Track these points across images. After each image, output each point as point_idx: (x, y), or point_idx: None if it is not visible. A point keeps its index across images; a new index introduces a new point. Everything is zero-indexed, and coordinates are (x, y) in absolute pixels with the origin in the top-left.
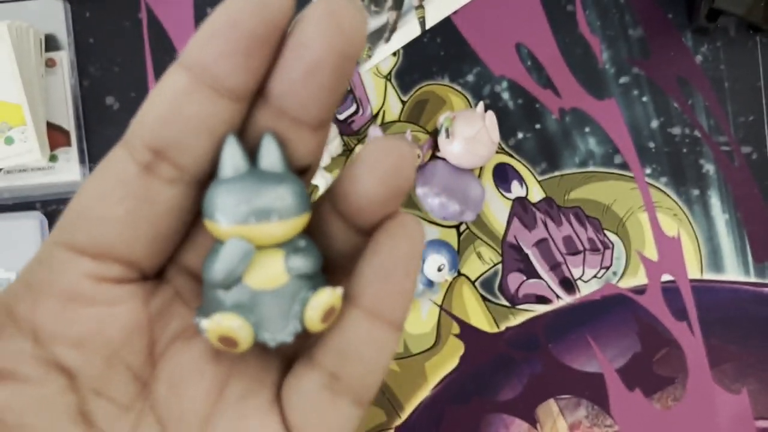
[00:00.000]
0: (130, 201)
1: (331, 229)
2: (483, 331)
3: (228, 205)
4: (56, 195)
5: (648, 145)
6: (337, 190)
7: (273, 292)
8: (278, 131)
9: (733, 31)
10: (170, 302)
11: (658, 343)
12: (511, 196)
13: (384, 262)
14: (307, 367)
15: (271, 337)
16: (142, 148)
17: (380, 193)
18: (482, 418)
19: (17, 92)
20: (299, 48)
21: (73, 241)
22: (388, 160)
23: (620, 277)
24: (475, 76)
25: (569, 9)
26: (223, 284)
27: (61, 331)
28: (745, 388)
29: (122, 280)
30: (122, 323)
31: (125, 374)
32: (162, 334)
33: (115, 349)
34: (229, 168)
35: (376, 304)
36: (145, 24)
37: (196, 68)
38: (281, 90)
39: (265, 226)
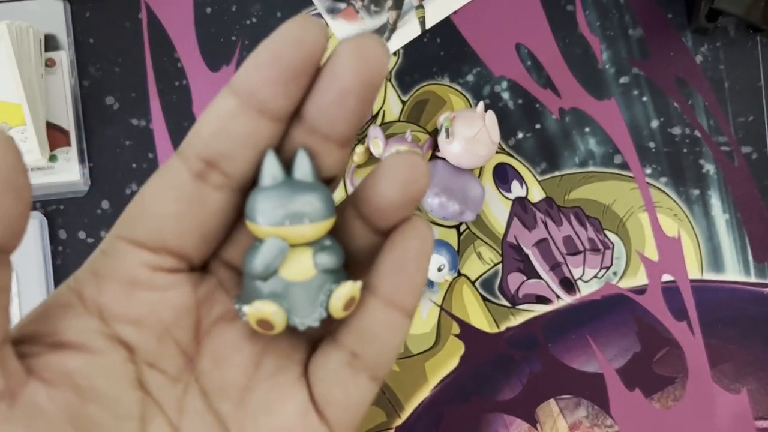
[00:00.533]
0: (183, 203)
1: (354, 230)
2: (483, 331)
3: (267, 209)
4: (56, 195)
5: (648, 145)
6: (360, 195)
7: (303, 283)
8: (310, 147)
9: (732, 31)
10: (214, 290)
11: (658, 343)
12: (511, 196)
13: (399, 258)
14: (331, 346)
15: (300, 322)
16: (195, 159)
17: (398, 200)
18: (482, 418)
19: (17, 92)
20: (332, 78)
21: (133, 236)
22: (406, 171)
23: (620, 277)
24: (475, 76)
25: (569, 9)
26: (261, 276)
27: (122, 311)
28: (745, 388)
29: (174, 270)
30: (173, 306)
31: (175, 350)
32: (206, 317)
33: (166, 327)
34: (269, 177)
35: (392, 294)
36: (145, 24)
37: (244, 93)
38: (315, 112)
39: (298, 228)
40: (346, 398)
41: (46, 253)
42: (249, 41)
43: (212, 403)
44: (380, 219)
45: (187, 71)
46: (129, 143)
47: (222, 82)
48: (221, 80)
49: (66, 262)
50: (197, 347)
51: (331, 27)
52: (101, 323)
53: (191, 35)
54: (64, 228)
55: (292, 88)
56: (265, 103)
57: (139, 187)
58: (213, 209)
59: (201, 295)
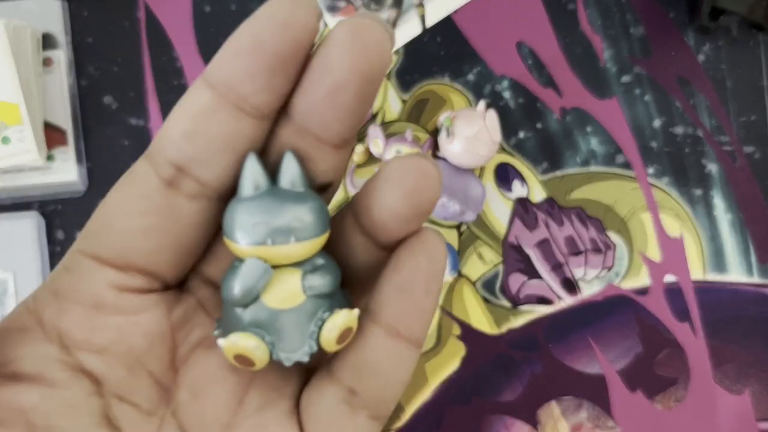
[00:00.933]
0: (152, 215)
1: (353, 243)
2: (484, 332)
3: (247, 225)
4: (54, 195)
5: (650, 145)
6: (360, 204)
7: (290, 311)
8: (300, 149)
9: (735, 30)
10: (192, 312)
11: (660, 344)
12: (512, 196)
13: (404, 280)
14: (325, 380)
15: (286, 357)
16: (165, 163)
17: (402, 212)
18: (483, 420)
19: (14, 91)
20: (323, 69)
21: (97, 252)
22: (412, 178)
23: (622, 277)
24: (476, 75)
25: (570, 8)
26: (240, 303)
27: (86, 338)
28: (748, 389)
29: (145, 290)
30: (144, 331)
31: (148, 381)
32: (184, 342)
33: (137, 356)
34: (249, 186)
35: (396, 321)
36: (143, 23)
37: (221, 86)
38: (304, 109)
39: (283, 248)
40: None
41: (44, 254)
42: None
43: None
44: (383, 233)
45: (185, 71)
46: (127, 143)
47: None
48: None
49: None
50: (174, 377)
51: (330, 25)
52: (62, 351)
53: (190, 35)
54: (62, 228)
55: (277, 80)
56: (246, 97)
57: None
58: (187, 222)
59: (177, 318)
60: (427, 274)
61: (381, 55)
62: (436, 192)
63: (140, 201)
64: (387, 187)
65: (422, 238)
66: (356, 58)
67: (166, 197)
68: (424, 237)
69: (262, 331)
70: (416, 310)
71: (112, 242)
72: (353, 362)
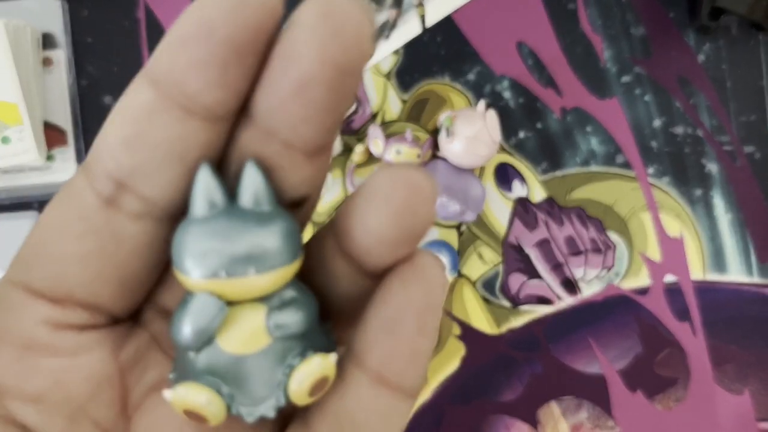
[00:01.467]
0: (90, 238)
1: (336, 269)
2: (484, 333)
3: (197, 253)
4: (53, 195)
5: (650, 145)
6: (341, 225)
7: (252, 356)
8: (266, 157)
9: (735, 30)
10: (146, 349)
11: (660, 344)
12: (512, 196)
13: (394, 315)
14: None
15: (248, 412)
16: (104, 177)
17: (391, 235)
18: (483, 420)
19: (14, 91)
20: (288, 59)
21: (28, 282)
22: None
23: (622, 277)
24: (476, 75)
25: (571, 7)
26: (190, 347)
27: (17, 384)
28: (748, 389)
29: (86, 327)
30: (87, 375)
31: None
32: (137, 385)
33: (79, 404)
34: (202, 204)
35: (384, 366)
36: (143, 23)
37: (164, 83)
38: (267, 108)
39: (239, 281)
40: None
41: None
42: None
43: None
44: (369, 259)
45: None
46: None
47: None
48: None
49: None
50: (125, 426)
51: None
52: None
53: None
54: None
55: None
56: (194, 95)
57: None
58: (131, 245)
59: (127, 357)
60: (421, 308)
61: (357, 40)
62: (430, 211)
63: (76, 222)
64: (371, 206)
65: (416, 264)
66: (327, 44)
67: (105, 217)
68: (418, 263)
69: (218, 381)
70: (408, 352)
71: (45, 271)
72: (333, 415)
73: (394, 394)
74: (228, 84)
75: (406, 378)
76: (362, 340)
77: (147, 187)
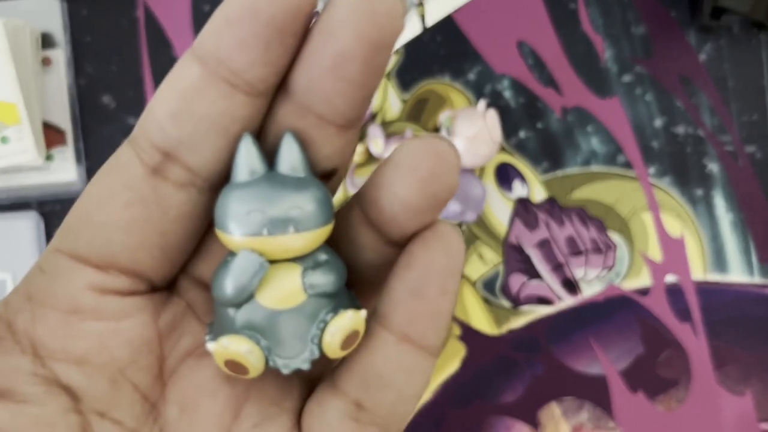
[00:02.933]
0: (136, 206)
1: (360, 238)
2: (484, 333)
3: (240, 213)
4: (52, 195)
5: (651, 145)
6: (368, 195)
7: (288, 312)
8: (301, 130)
9: (736, 29)
10: (182, 316)
11: (662, 344)
12: (512, 196)
13: (418, 278)
14: (330, 393)
15: (284, 364)
16: (151, 149)
17: (416, 202)
18: (484, 421)
19: (13, 91)
20: (326, 37)
21: (75, 249)
22: (425, 163)
23: (623, 278)
24: (477, 75)
25: (571, 7)
26: (233, 302)
27: (62, 347)
28: (749, 390)
29: (128, 293)
30: (128, 339)
31: (132, 395)
32: (172, 351)
33: (120, 367)
34: (244, 171)
35: (408, 326)
36: (142, 22)
37: (210, 60)
38: (305, 84)
39: (280, 239)
40: None
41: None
42: None
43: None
44: (394, 227)
45: None
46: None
47: None
48: None
49: None
50: (161, 390)
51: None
52: (36, 363)
53: (189, 34)
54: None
55: (274, 52)
56: (239, 72)
57: None
58: (175, 214)
59: (165, 324)
60: (443, 271)
61: (390, 18)
62: (454, 178)
63: (123, 191)
64: (399, 174)
65: (438, 231)
66: (363, 22)
67: (152, 187)
68: (439, 230)
69: (257, 335)
70: (431, 313)
71: (91, 238)
72: (360, 372)
73: (418, 352)
74: (270, 61)
75: (429, 337)
76: (388, 302)
77: (192, 158)
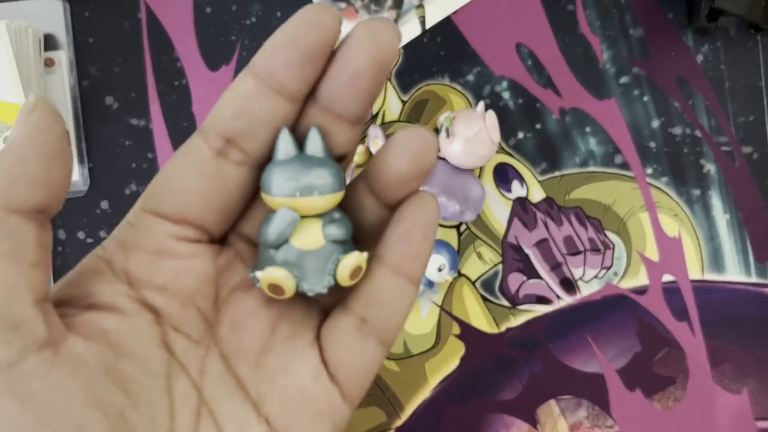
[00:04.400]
0: (205, 178)
1: (364, 204)
2: (483, 332)
3: (280, 181)
4: None
5: (649, 145)
6: (372, 170)
7: (312, 252)
8: (323, 125)
9: (733, 31)
10: (232, 261)
11: (659, 343)
12: (511, 196)
13: (406, 229)
14: (341, 313)
15: (309, 288)
16: (216, 137)
17: (408, 172)
18: (483, 419)
19: (16, 92)
20: (346, 60)
21: (157, 209)
22: (415, 144)
23: (621, 277)
24: (476, 76)
25: (570, 9)
26: (274, 244)
27: (149, 278)
28: (746, 388)
29: (196, 240)
30: (196, 274)
31: (196, 315)
32: (226, 285)
33: (189, 294)
34: (283, 153)
35: (399, 263)
36: (144, 24)
37: (263, 75)
38: (329, 93)
39: (308, 200)
40: (356, 361)
41: None
42: (249, 41)
43: (231, 365)
44: (390, 192)
45: (186, 71)
46: (128, 143)
47: (222, 81)
48: (221, 80)
49: (65, 262)
50: (217, 314)
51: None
52: (130, 288)
53: (191, 35)
54: (64, 228)
55: (309, 70)
56: (283, 84)
57: (138, 188)
58: (232, 185)
59: (220, 265)
60: (425, 224)
61: (392, 48)
62: (434, 155)
63: (195, 167)
64: (395, 152)
65: (420, 196)
66: (373, 50)
67: (216, 164)
68: (421, 196)
69: (291, 267)
70: (415, 253)
71: (170, 200)
72: (364, 296)
73: (407, 282)
74: (305, 77)
75: (415, 271)
76: (384, 247)
77: (247, 144)
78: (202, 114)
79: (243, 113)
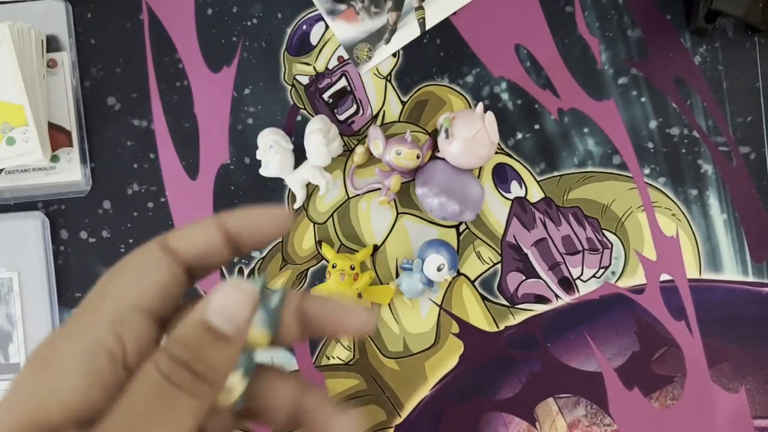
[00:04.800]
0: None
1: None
2: (482, 331)
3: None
4: (58, 195)
5: (647, 146)
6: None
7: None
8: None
9: (731, 32)
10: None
11: (657, 342)
12: (510, 196)
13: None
14: None
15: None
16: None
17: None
18: (482, 417)
19: (19, 93)
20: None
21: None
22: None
23: (619, 276)
24: (475, 77)
25: (568, 10)
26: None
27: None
28: (743, 387)
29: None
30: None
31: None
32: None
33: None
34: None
35: None
36: (146, 25)
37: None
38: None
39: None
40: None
41: (48, 253)
42: (250, 42)
43: None
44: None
45: (188, 72)
46: (130, 144)
47: (223, 82)
48: (222, 81)
49: (67, 262)
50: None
51: (331, 28)
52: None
53: (192, 36)
54: (66, 228)
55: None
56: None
57: (139, 187)
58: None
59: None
60: None
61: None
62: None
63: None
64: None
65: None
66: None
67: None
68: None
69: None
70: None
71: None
72: None
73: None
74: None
75: None
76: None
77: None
78: (203, 114)
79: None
